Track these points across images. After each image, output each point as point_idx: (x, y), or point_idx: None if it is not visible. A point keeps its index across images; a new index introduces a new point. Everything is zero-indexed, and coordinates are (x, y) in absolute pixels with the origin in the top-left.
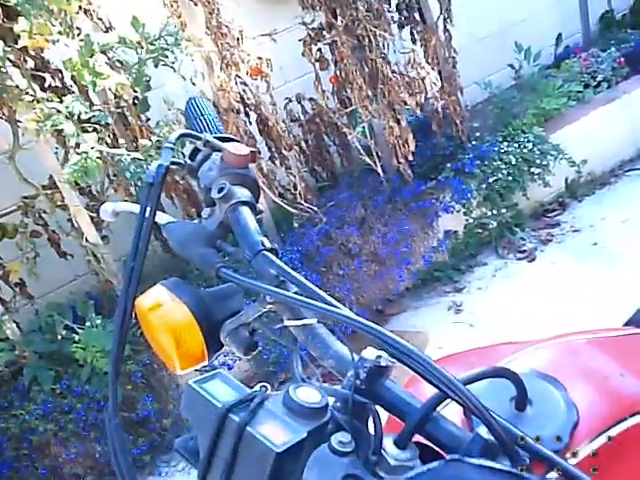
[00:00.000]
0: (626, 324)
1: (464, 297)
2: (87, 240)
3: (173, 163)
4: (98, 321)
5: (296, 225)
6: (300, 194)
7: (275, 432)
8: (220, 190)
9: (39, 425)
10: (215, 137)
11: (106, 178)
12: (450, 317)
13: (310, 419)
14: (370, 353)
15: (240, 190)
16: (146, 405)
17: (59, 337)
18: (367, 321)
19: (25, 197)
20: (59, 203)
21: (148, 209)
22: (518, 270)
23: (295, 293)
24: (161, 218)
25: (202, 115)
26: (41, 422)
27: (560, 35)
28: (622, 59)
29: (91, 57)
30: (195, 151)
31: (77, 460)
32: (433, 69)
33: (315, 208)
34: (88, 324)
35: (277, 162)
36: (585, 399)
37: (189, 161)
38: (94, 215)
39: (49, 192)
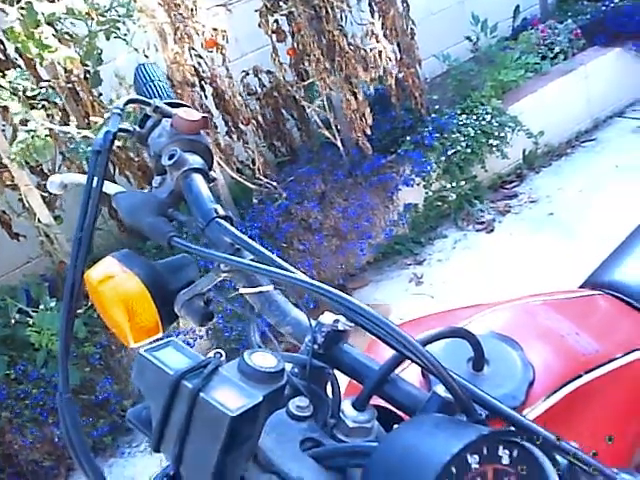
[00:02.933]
0: (581, 286)
1: (425, 269)
2: (39, 221)
3: (122, 130)
4: (53, 304)
5: (255, 201)
6: (259, 169)
7: (229, 397)
8: (171, 157)
9: None
10: (165, 103)
11: (59, 156)
12: (411, 289)
13: (266, 383)
14: (327, 318)
15: (192, 157)
16: (105, 387)
17: (13, 321)
18: (323, 284)
19: None
20: (9, 183)
21: (96, 178)
22: (477, 241)
23: (251, 260)
24: (110, 188)
25: (152, 81)
26: None
27: (518, 7)
28: (579, 31)
29: (36, 28)
30: (145, 118)
31: (34, 446)
32: (391, 42)
33: (274, 183)
34: (42, 307)
35: (234, 137)
36: (541, 358)
37: (138, 128)
38: (46, 195)
39: None
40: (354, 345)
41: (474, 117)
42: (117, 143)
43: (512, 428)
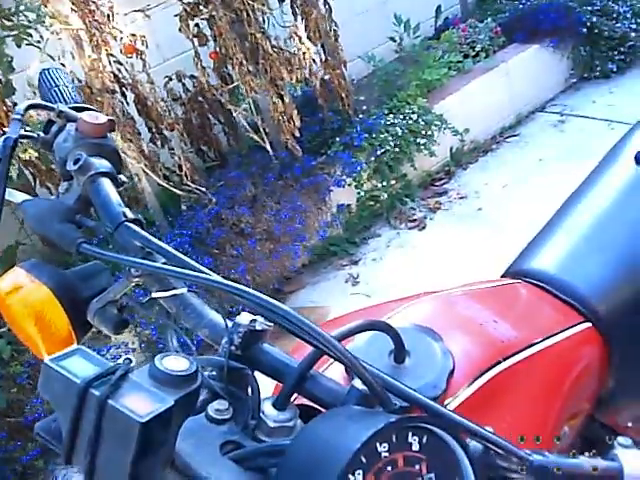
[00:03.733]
0: (502, 276)
1: (360, 269)
2: None
3: (25, 136)
4: None
5: (184, 207)
6: (186, 175)
7: (139, 403)
8: (76, 161)
9: None
10: (69, 107)
11: None
12: (348, 289)
13: (178, 387)
14: (244, 318)
15: (98, 161)
16: (35, 407)
17: None
18: (237, 284)
19: None
20: None
21: None
22: (410, 239)
23: (163, 264)
24: (16, 196)
25: (56, 86)
26: None
27: (439, 7)
28: (499, 29)
29: None
30: (49, 123)
31: None
32: (315, 43)
33: (203, 189)
34: None
35: (159, 143)
36: (460, 347)
37: (42, 134)
38: None
39: None
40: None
41: (401, 117)
42: (35, 154)
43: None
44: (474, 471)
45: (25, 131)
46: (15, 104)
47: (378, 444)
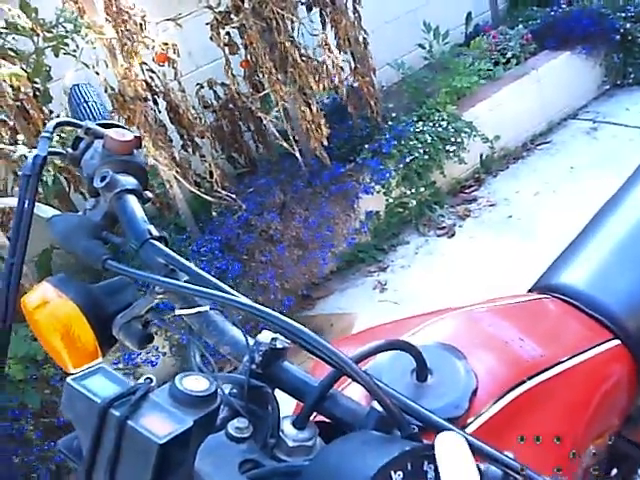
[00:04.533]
0: (530, 290)
1: (388, 276)
2: None
3: (53, 153)
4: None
5: (215, 214)
6: (217, 182)
7: (158, 424)
8: (102, 179)
9: None
10: (97, 124)
11: (11, 175)
12: (376, 296)
13: (197, 408)
14: (265, 336)
15: (124, 178)
16: None
17: None
18: (258, 305)
19: None
20: None
21: (27, 202)
22: (439, 246)
23: (186, 282)
24: (45, 211)
25: (86, 102)
26: None
27: (470, 14)
28: (529, 36)
29: None
30: (77, 139)
31: None
32: (345, 51)
33: (233, 195)
34: None
35: (190, 150)
36: (484, 365)
37: (71, 150)
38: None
39: None
40: (298, 364)
41: (430, 124)
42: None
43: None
44: None
45: (54, 148)
46: (51, 112)
47: (393, 472)
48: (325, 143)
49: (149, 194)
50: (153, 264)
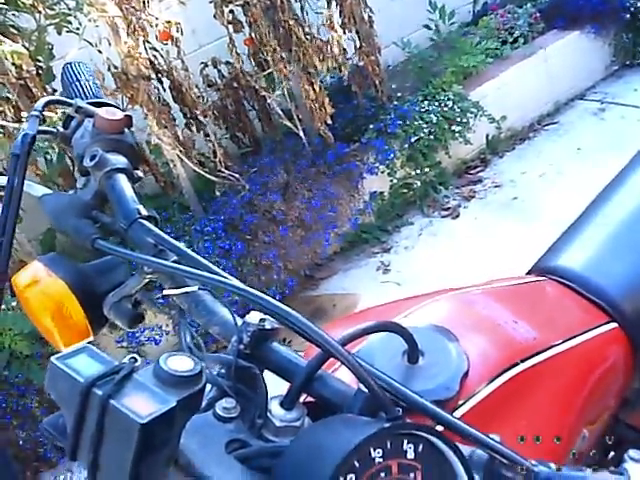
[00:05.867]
0: (528, 272)
1: (392, 257)
2: None
3: (43, 132)
4: (14, 303)
5: (218, 194)
6: (220, 161)
7: (141, 403)
8: (92, 157)
9: None
10: (88, 102)
11: None
12: (379, 277)
13: (181, 388)
14: (254, 317)
15: (114, 157)
16: None
17: None
18: (244, 285)
19: None
20: None
21: (17, 181)
22: (443, 227)
23: (174, 262)
24: (36, 190)
25: (78, 81)
26: None
27: None
28: (538, 15)
29: None
30: (68, 118)
31: None
32: (350, 30)
33: (237, 175)
34: (3, 307)
35: (194, 129)
36: (476, 348)
37: (61, 129)
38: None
39: None
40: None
41: (436, 103)
42: None
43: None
44: None
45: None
46: (55, 90)
47: (372, 449)
48: (329, 122)
49: (140, 174)
50: (142, 244)
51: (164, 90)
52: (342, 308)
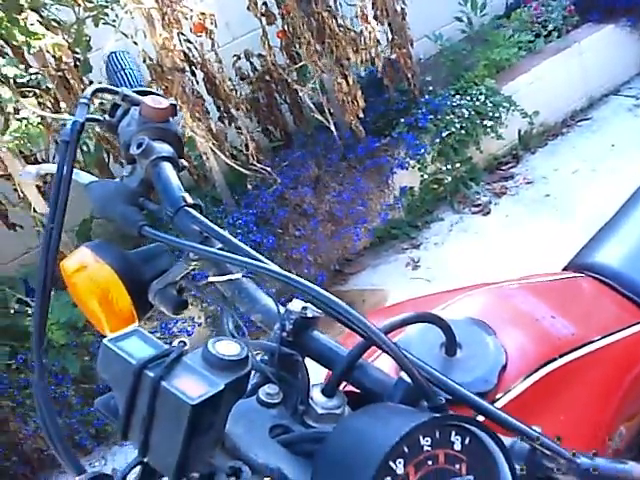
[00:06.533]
0: (564, 269)
1: (421, 253)
2: (35, 211)
3: (91, 120)
4: (52, 293)
5: (250, 187)
6: (252, 154)
7: (191, 386)
8: (139, 145)
9: None
10: (134, 91)
11: (53, 144)
12: (408, 273)
13: (229, 372)
14: (296, 305)
15: (160, 145)
16: None
17: (12, 311)
18: (290, 274)
19: None
20: (2, 173)
21: (65, 168)
22: (473, 224)
23: (219, 249)
24: (83, 178)
25: (123, 69)
26: None
27: None
28: (572, 7)
29: (19, 14)
30: (114, 106)
31: (38, 435)
32: (382, 22)
33: (268, 168)
34: None
35: (226, 122)
36: (514, 342)
37: (108, 117)
38: (41, 185)
39: None
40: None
41: (468, 98)
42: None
43: (469, 415)
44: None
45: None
46: (91, 82)
47: (421, 437)
48: (361, 116)
49: (184, 162)
50: (188, 231)
51: (197, 83)
52: (371, 304)
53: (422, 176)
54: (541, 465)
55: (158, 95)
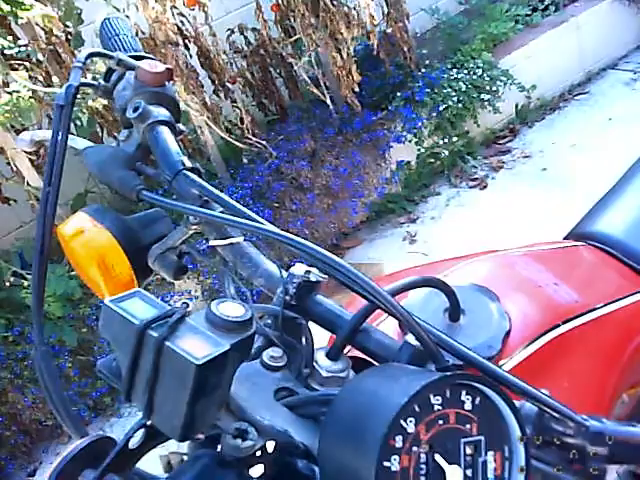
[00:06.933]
0: (565, 238)
1: (418, 227)
2: (29, 184)
3: (86, 84)
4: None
5: (245, 161)
6: (247, 128)
7: (196, 346)
8: (135, 109)
9: None
10: (129, 55)
11: (45, 118)
12: (405, 247)
13: (233, 332)
14: (299, 269)
15: (157, 109)
16: (103, 347)
17: (7, 284)
18: (292, 235)
19: None
20: None
21: (61, 132)
22: (471, 198)
23: (219, 212)
24: (78, 143)
25: (117, 35)
26: None
27: None
28: None
29: None
30: (109, 71)
31: (36, 406)
32: None
33: (264, 142)
34: None
35: (221, 95)
36: (518, 308)
37: (102, 82)
38: (34, 158)
39: None
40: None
41: (465, 71)
42: (103, 102)
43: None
44: (525, 443)
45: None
46: None
47: (432, 396)
48: (356, 90)
49: (182, 127)
50: (187, 195)
51: (191, 57)
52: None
53: (419, 150)
54: (549, 428)
55: (153, 59)
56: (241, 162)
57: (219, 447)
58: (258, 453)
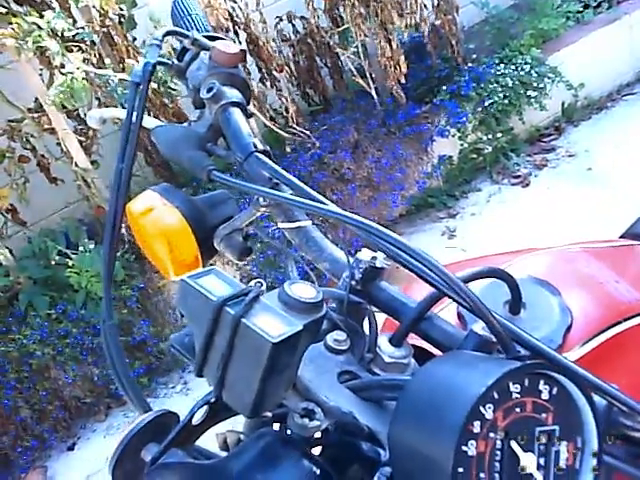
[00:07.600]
0: (622, 236)
1: (457, 223)
2: (77, 165)
3: (160, 63)
4: (91, 246)
5: (288, 150)
6: (292, 117)
7: (271, 324)
8: (209, 90)
9: (37, 349)
10: (203, 35)
11: (95, 100)
12: (443, 242)
13: (306, 313)
14: (365, 254)
15: (230, 90)
16: (142, 329)
17: (53, 263)
18: (363, 218)
19: (10, 121)
20: (46, 127)
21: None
22: (512, 195)
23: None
24: (149, 122)
25: (189, 14)
26: (39, 346)
27: None
28: None
29: None
30: (183, 51)
31: (76, 383)
32: None
33: (307, 132)
34: (81, 249)
35: (268, 84)
36: (579, 304)
37: (176, 61)
38: (83, 139)
39: (35, 115)
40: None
41: (512, 67)
42: (153, 85)
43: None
44: (598, 433)
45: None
46: (135, 38)
47: (511, 383)
48: (402, 82)
49: (252, 109)
50: (257, 177)
51: (240, 43)
52: (406, 271)
53: (462, 145)
54: (617, 422)
55: (227, 40)
56: (284, 151)
57: (276, 426)
58: (318, 435)
